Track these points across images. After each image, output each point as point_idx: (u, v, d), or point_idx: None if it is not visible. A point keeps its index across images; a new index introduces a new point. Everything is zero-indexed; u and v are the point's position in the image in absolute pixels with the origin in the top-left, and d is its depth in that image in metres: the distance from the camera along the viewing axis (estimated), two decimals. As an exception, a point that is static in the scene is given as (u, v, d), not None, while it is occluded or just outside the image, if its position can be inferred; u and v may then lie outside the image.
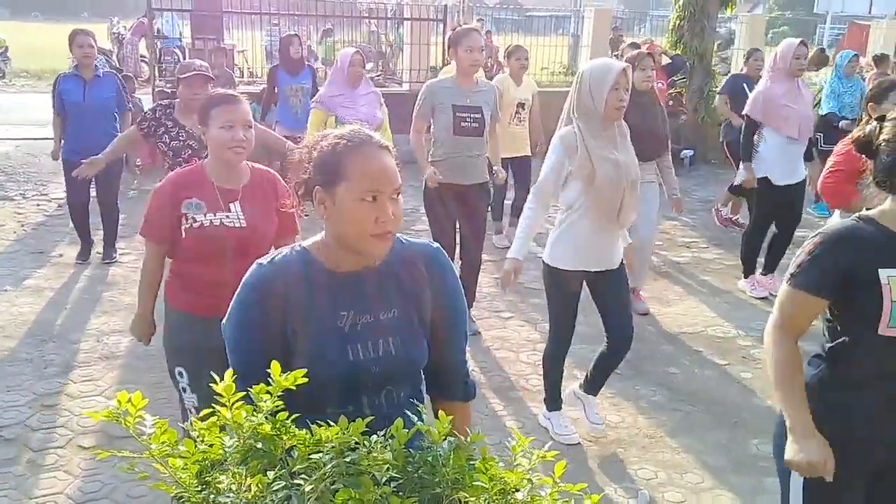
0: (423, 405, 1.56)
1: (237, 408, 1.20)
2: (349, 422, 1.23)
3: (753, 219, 5.90)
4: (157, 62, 10.38)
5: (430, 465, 1.27)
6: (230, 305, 1.65)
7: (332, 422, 1.26)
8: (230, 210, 2.75)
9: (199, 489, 1.21)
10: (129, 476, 1.28)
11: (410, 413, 1.40)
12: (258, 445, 1.17)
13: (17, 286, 5.62)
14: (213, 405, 1.24)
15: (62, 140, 6.06)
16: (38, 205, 7.86)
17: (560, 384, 3.84)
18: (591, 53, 11.49)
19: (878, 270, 1.87)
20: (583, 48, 12.74)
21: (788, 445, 1.94)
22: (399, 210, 1.61)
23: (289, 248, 1.69)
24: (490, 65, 12.48)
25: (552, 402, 3.85)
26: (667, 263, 6.58)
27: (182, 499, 1.23)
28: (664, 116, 5.18)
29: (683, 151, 10.09)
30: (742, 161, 5.66)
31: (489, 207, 5.45)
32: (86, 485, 3.30)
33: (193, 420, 1.28)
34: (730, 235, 7.43)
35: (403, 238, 1.75)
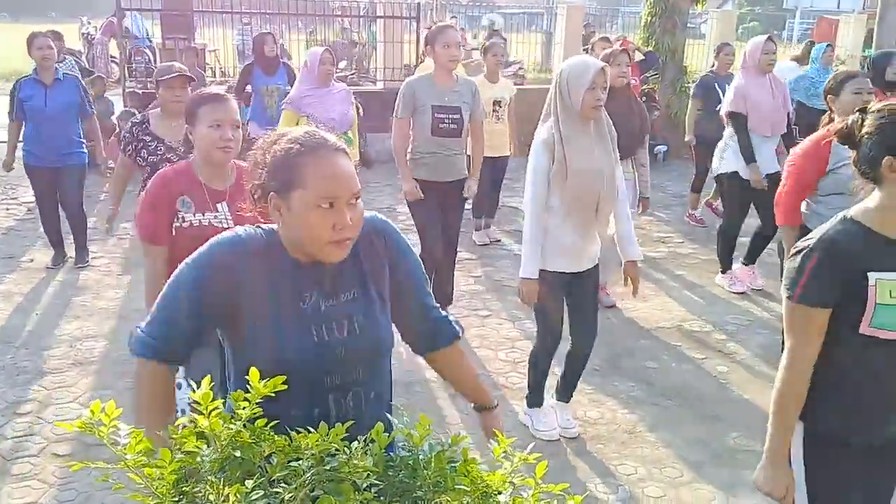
0: (401, 409, 1.55)
1: (215, 416, 1.18)
2: (316, 425, 1.22)
3: (727, 215, 5.93)
4: (127, 63, 10.24)
5: (412, 469, 1.27)
6: (185, 261, 1.63)
7: (298, 426, 1.24)
8: (218, 210, 2.74)
9: (177, 499, 1.18)
10: (105, 485, 1.26)
11: (389, 415, 1.38)
12: (236, 454, 1.15)
13: (-13, 292, 5.52)
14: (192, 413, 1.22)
15: (22, 146, 5.92)
16: (8, 209, 7.73)
17: (543, 383, 3.84)
18: (565, 50, 11.52)
19: (868, 273, 1.88)
20: (556, 45, 12.77)
21: (761, 470, 2.07)
22: (358, 215, 1.56)
23: (256, 226, 1.64)
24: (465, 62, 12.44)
25: (533, 399, 3.85)
26: (643, 259, 6.60)
27: (159, 509, 1.21)
28: (642, 112, 5.18)
29: (657, 147, 10.16)
30: (746, 163, 5.53)
31: (467, 204, 5.43)
32: (61, 493, 3.25)
33: (171, 428, 1.26)
34: (704, 230, 7.49)
35: None
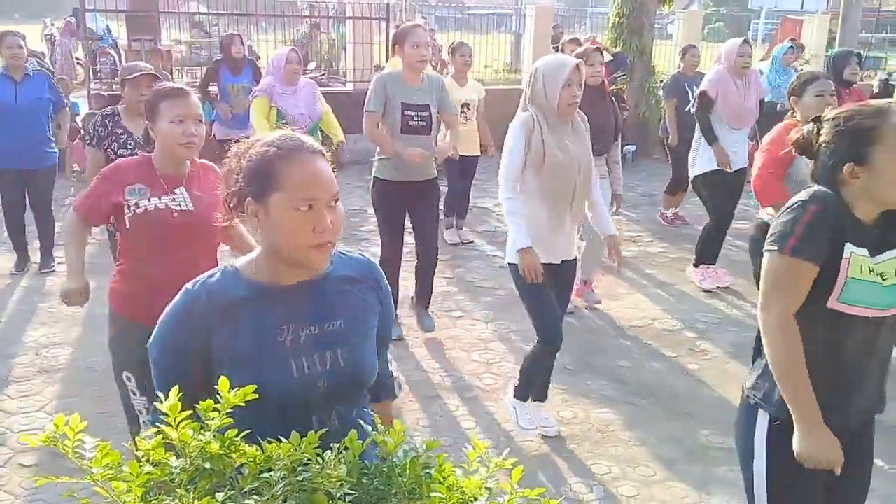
0: (375, 415, 1.53)
1: (184, 427, 1.16)
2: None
3: (714, 211, 5.89)
4: (92, 64, 10.08)
5: (386, 476, 1.25)
6: (157, 324, 1.58)
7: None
8: (175, 193, 2.72)
9: (146, 513, 1.16)
10: (73, 498, 1.23)
11: (363, 423, 1.37)
12: (206, 465, 1.13)
13: (-51, 300, 5.40)
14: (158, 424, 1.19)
15: None
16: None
17: (534, 381, 3.80)
18: (534, 51, 11.56)
19: (845, 244, 1.90)
20: (525, 46, 12.81)
21: (799, 439, 1.94)
22: (338, 218, 1.54)
23: (220, 269, 1.62)
24: (434, 63, 12.45)
25: (522, 392, 3.80)
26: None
27: (127, 523, 1.17)
28: (615, 111, 5.22)
29: (626, 147, 10.21)
30: (710, 143, 5.61)
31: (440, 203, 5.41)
32: (27, 505, 3.19)
33: (138, 440, 1.23)
34: (673, 229, 7.56)
35: (342, 252, 1.70)
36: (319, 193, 1.51)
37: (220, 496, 1.11)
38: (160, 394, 1.21)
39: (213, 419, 1.17)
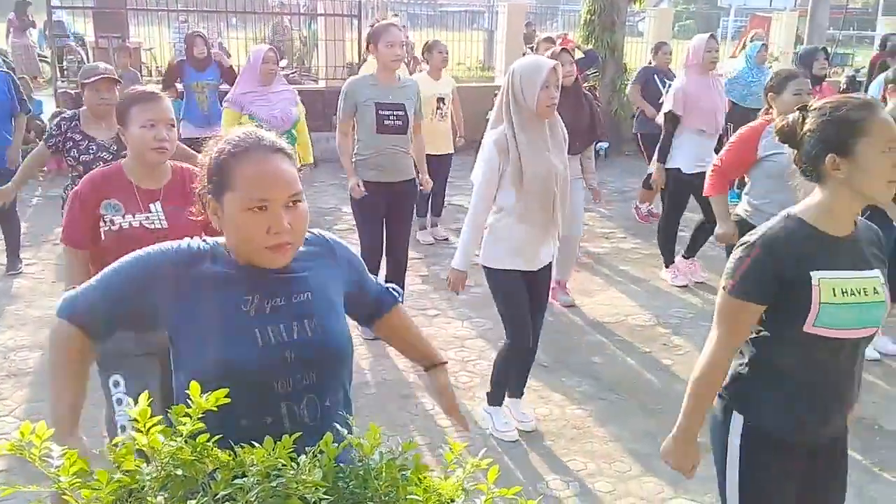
0: (353, 417, 1.51)
1: (154, 432, 1.13)
2: (269, 436, 1.18)
3: (665, 209, 6.03)
4: (59, 62, 9.92)
5: (362, 479, 1.23)
6: (128, 256, 1.60)
7: (249, 437, 1.20)
8: (150, 210, 2.65)
9: (116, 521, 1.13)
10: None
11: (338, 425, 1.35)
12: (178, 472, 1.11)
13: (-88, 303, 5.27)
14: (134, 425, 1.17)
15: None
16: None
17: (506, 384, 3.82)
18: (506, 48, 11.57)
19: (811, 273, 1.90)
20: (497, 43, 12.81)
21: (671, 444, 2.14)
22: (299, 218, 1.50)
23: (199, 238, 1.60)
24: (407, 61, 12.42)
25: (495, 398, 3.83)
26: (587, 254, 6.68)
27: (97, 532, 1.15)
28: (593, 109, 5.24)
29: (599, 144, 10.24)
30: (657, 159, 5.78)
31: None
32: (-5, 512, 3.12)
33: (108, 446, 1.21)
34: (646, 225, 7.60)
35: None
36: (274, 193, 1.47)
37: (193, 503, 1.09)
38: (129, 400, 1.18)
39: (185, 424, 1.15)
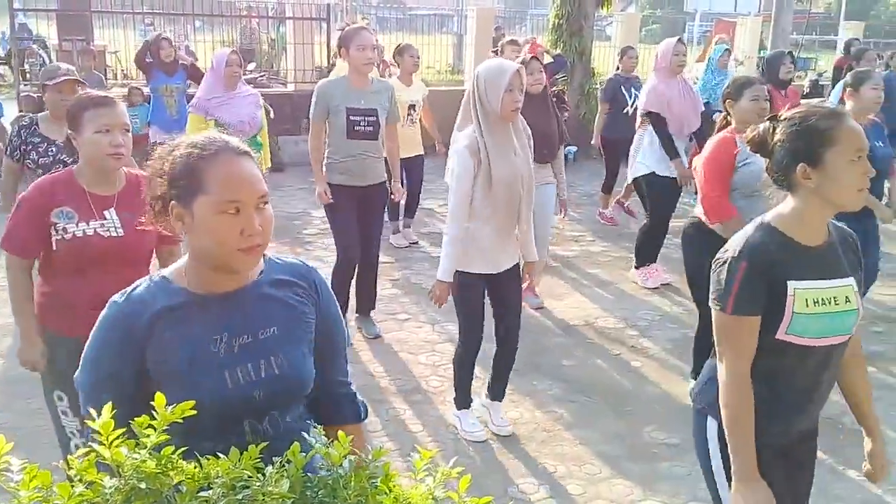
0: (317, 427, 1.50)
1: (118, 445, 1.11)
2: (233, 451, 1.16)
3: (651, 213, 5.98)
4: (21, 65, 9.75)
5: (331, 489, 1.22)
6: (85, 347, 1.53)
7: (212, 454, 1.18)
8: (105, 218, 2.57)
9: (77, 536, 1.10)
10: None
11: (306, 435, 1.33)
12: (142, 485, 1.08)
13: None
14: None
15: None
16: None
17: (470, 384, 3.86)
18: (476, 52, 11.60)
19: (787, 282, 1.92)
20: (467, 47, 12.85)
21: (735, 489, 1.97)
22: (267, 220, 1.50)
23: (147, 279, 1.57)
24: (378, 64, 12.40)
25: (461, 401, 3.85)
26: (555, 258, 6.72)
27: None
28: (559, 117, 5.27)
29: (567, 148, 10.30)
30: (671, 158, 5.65)
31: (385, 208, 5.40)
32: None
33: (70, 458, 1.18)
34: (615, 229, 7.66)
35: (276, 258, 1.67)
36: (245, 195, 1.47)
37: (157, 517, 1.08)
38: (93, 411, 1.16)
39: (149, 436, 1.12)
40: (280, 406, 1.57)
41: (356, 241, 4.78)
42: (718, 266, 1.99)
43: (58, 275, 2.62)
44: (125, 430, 1.13)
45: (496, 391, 3.90)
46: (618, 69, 7.82)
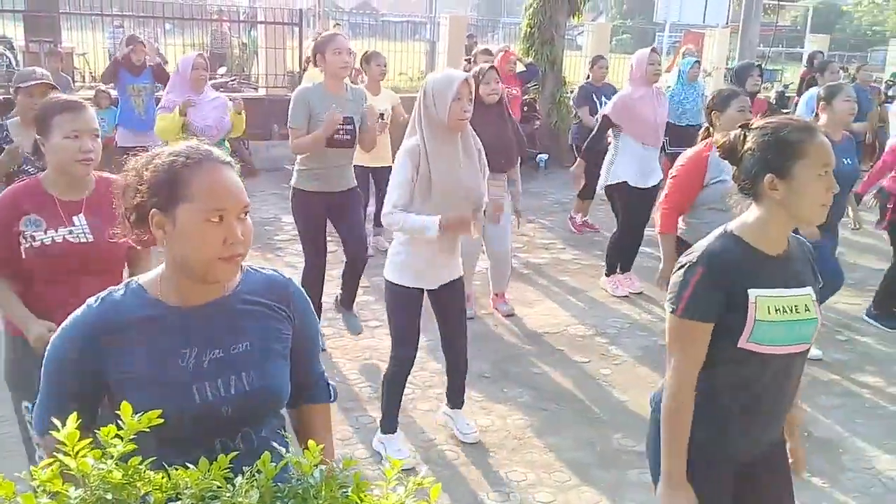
0: (290, 439, 1.49)
1: (83, 455, 1.09)
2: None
3: (621, 222, 6.04)
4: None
5: (301, 499, 1.21)
6: (52, 338, 1.51)
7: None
8: (74, 224, 2.52)
9: (42, 548, 1.09)
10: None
11: (277, 445, 1.32)
12: (108, 496, 1.07)
13: None
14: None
15: None
16: None
17: (398, 406, 3.70)
18: (448, 59, 11.64)
19: (748, 290, 1.94)
20: (439, 55, 12.88)
21: (662, 494, 2.02)
22: (248, 230, 1.50)
23: (123, 286, 1.55)
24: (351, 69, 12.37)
25: (388, 425, 3.70)
26: (526, 265, 6.75)
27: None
28: (516, 128, 5.28)
29: (539, 156, 10.40)
30: (580, 156, 5.84)
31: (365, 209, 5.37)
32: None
33: (33, 469, 1.16)
34: (585, 237, 7.72)
35: (253, 268, 1.66)
36: (230, 204, 1.47)
37: (124, 528, 1.06)
38: (56, 421, 1.14)
39: (116, 446, 1.11)
40: (252, 422, 1.56)
41: (323, 245, 4.75)
42: (677, 269, 2.01)
43: (30, 283, 2.56)
44: (90, 441, 1.12)
45: (454, 400, 3.87)
46: (588, 78, 7.90)
